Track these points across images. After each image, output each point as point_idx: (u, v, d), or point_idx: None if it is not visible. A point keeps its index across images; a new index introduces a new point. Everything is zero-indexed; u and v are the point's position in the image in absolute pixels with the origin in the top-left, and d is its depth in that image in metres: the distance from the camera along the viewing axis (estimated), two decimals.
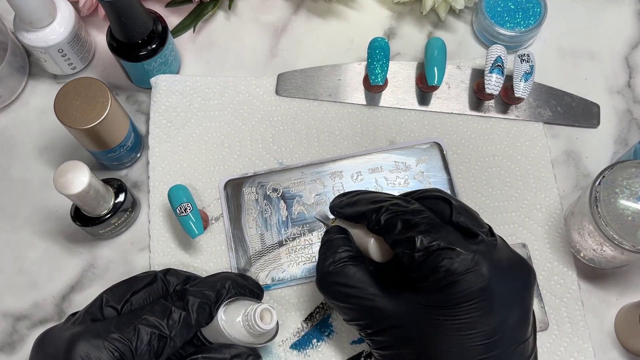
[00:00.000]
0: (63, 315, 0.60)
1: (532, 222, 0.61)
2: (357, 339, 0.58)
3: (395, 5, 0.70)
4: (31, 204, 0.64)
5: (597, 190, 0.53)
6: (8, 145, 0.66)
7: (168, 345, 0.46)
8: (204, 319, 0.48)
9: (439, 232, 0.44)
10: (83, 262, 0.62)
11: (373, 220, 0.47)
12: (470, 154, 0.64)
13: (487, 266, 0.43)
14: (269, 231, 0.61)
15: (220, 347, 0.48)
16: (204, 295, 0.48)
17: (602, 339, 0.59)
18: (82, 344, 0.43)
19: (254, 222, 0.61)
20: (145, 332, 0.45)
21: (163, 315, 0.46)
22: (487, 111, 0.65)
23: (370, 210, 0.48)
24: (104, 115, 0.55)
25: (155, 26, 0.61)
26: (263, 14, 0.71)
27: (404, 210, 0.46)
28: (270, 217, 0.62)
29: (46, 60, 0.65)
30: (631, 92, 0.67)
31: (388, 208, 0.46)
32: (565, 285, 0.59)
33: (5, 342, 0.60)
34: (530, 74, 0.62)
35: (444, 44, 0.63)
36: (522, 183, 0.63)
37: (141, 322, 0.45)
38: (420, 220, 0.45)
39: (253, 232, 0.61)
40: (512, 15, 0.66)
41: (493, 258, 0.44)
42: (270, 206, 0.62)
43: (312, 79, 0.66)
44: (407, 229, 0.45)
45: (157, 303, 0.47)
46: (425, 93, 0.66)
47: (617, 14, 0.70)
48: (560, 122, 0.65)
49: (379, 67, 0.63)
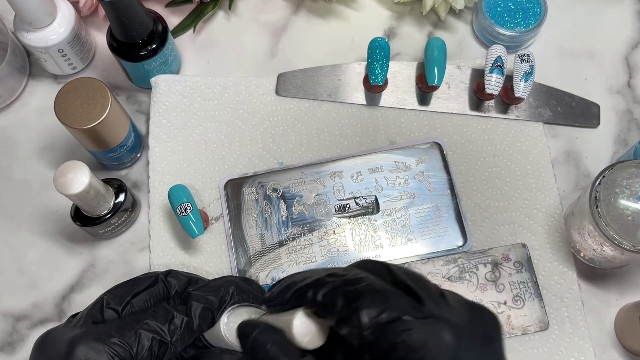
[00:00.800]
0: (63, 315, 0.60)
1: (532, 222, 0.61)
2: None
3: (395, 6, 0.70)
4: (31, 204, 0.64)
5: (597, 190, 0.53)
6: (8, 145, 0.66)
7: (169, 351, 0.45)
8: (205, 325, 0.47)
9: (386, 300, 0.36)
10: (83, 262, 0.62)
11: (310, 299, 0.38)
12: (470, 154, 0.64)
13: (448, 330, 0.36)
14: (269, 231, 0.61)
15: (221, 353, 0.48)
16: (207, 301, 0.47)
17: (602, 338, 0.59)
18: (82, 347, 0.43)
19: (254, 222, 0.61)
20: (146, 338, 0.44)
21: (164, 320, 0.46)
22: (487, 111, 0.65)
23: (304, 288, 0.39)
24: (104, 115, 0.55)
25: (155, 26, 0.61)
26: (263, 14, 0.71)
27: (343, 280, 0.38)
28: (270, 217, 0.62)
29: (46, 60, 0.65)
30: (631, 92, 0.67)
31: (325, 281, 0.38)
32: (566, 285, 0.59)
33: (5, 342, 0.60)
34: (530, 74, 0.62)
35: (444, 44, 0.63)
36: (522, 183, 0.63)
37: (142, 327, 0.45)
38: (362, 288, 0.37)
39: (253, 232, 0.61)
40: (512, 15, 0.66)
41: (451, 319, 0.37)
42: (270, 206, 0.62)
43: (312, 79, 0.66)
44: (349, 302, 0.36)
45: (159, 307, 0.47)
46: (425, 93, 0.66)
47: (617, 14, 0.70)
48: (560, 122, 0.65)
49: (379, 67, 0.63)
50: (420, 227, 0.61)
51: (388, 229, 0.61)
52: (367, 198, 0.62)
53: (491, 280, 0.60)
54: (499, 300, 0.59)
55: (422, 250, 0.60)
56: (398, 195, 0.62)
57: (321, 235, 0.61)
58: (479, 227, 0.61)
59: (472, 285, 0.59)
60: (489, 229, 0.61)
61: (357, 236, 0.61)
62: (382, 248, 0.60)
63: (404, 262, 0.60)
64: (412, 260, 0.60)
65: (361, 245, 0.61)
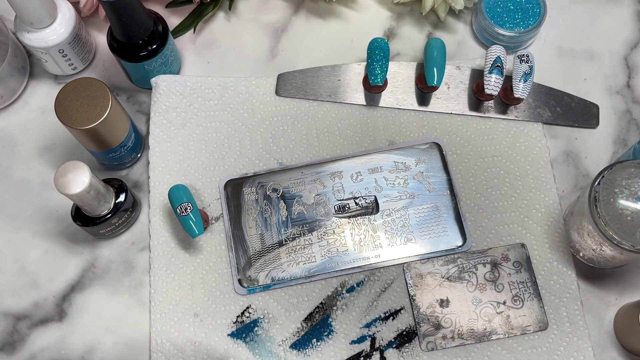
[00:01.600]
0: (64, 315, 0.60)
1: (531, 222, 0.62)
2: (356, 339, 0.58)
3: (395, 6, 0.70)
4: (32, 204, 0.64)
5: (597, 190, 0.53)
6: (9, 145, 0.66)
7: None
8: None
9: None
10: (83, 262, 0.62)
11: None
12: (470, 155, 0.64)
13: None
14: (269, 231, 0.61)
15: None
16: None
17: (602, 338, 0.59)
18: None
19: (253, 222, 0.62)
20: None
21: None
22: (486, 111, 0.65)
23: None
24: (104, 115, 0.55)
25: (155, 27, 0.61)
26: (263, 15, 0.71)
27: None
28: (270, 217, 0.62)
29: (47, 61, 0.65)
30: (630, 93, 0.67)
31: None
32: (565, 285, 0.59)
33: (6, 342, 0.60)
34: (529, 74, 0.62)
35: (443, 45, 0.63)
36: (521, 183, 0.63)
37: None
38: None
39: (253, 232, 0.61)
40: (512, 16, 0.66)
41: None
42: (270, 206, 0.62)
43: (312, 79, 0.66)
44: None
45: None
46: (425, 93, 0.66)
47: (617, 15, 0.70)
48: (559, 122, 0.65)
49: (378, 67, 0.63)
50: (420, 227, 0.61)
51: (387, 229, 0.61)
52: (367, 198, 0.62)
53: (490, 280, 0.60)
54: (499, 300, 0.59)
55: (421, 250, 0.61)
56: (397, 195, 0.62)
57: (321, 235, 0.61)
58: (478, 227, 0.62)
59: (472, 285, 0.60)
60: (489, 229, 0.61)
61: (357, 236, 0.61)
62: (381, 248, 0.61)
63: (403, 262, 0.60)
64: (412, 260, 0.60)
65: (361, 245, 0.61)
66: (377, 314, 0.59)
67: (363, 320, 0.59)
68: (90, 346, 0.60)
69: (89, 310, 0.60)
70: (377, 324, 0.59)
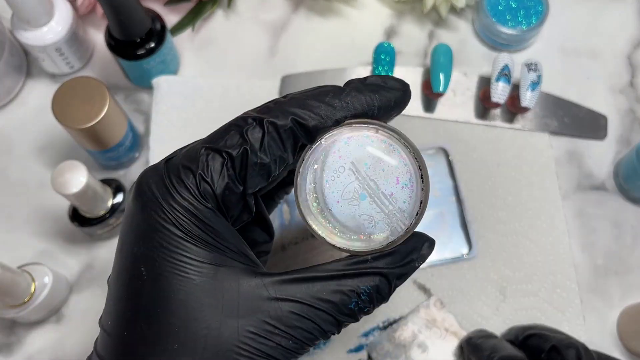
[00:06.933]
0: (61, 317, 0.60)
1: (535, 233, 0.60)
2: (353, 348, 0.57)
3: (396, 4, 0.70)
4: (29, 204, 0.63)
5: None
6: (5, 145, 0.65)
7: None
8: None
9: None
10: (81, 262, 0.61)
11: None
12: (475, 163, 0.63)
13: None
14: None
15: None
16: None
17: (604, 340, 0.58)
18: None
19: None
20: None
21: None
22: (492, 120, 0.64)
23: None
24: (102, 114, 0.55)
25: (153, 25, 0.61)
26: (262, 13, 0.70)
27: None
28: (272, 220, 0.61)
29: (44, 59, 0.64)
30: (634, 92, 0.66)
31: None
32: (568, 299, 0.58)
33: (3, 344, 0.59)
34: (537, 83, 0.61)
35: (450, 50, 0.62)
36: (526, 194, 0.62)
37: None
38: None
39: None
40: (514, 14, 0.66)
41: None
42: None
43: (316, 82, 0.66)
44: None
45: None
46: (431, 100, 0.65)
47: (620, 13, 0.70)
48: (566, 133, 0.64)
49: (384, 72, 0.62)
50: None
51: None
52: None
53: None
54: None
55: None
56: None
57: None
58: (481, 237, 0.60)
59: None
60: (492, 239, 0.60)
61: None
62: None
63: None
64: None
65: None
66: (375, 323, 0.58)
67: (361, 329, 0.58)
68: (87, 348, 0.59)
69: (86, 312, 0.60)
70: (375, 334, 0.58)
